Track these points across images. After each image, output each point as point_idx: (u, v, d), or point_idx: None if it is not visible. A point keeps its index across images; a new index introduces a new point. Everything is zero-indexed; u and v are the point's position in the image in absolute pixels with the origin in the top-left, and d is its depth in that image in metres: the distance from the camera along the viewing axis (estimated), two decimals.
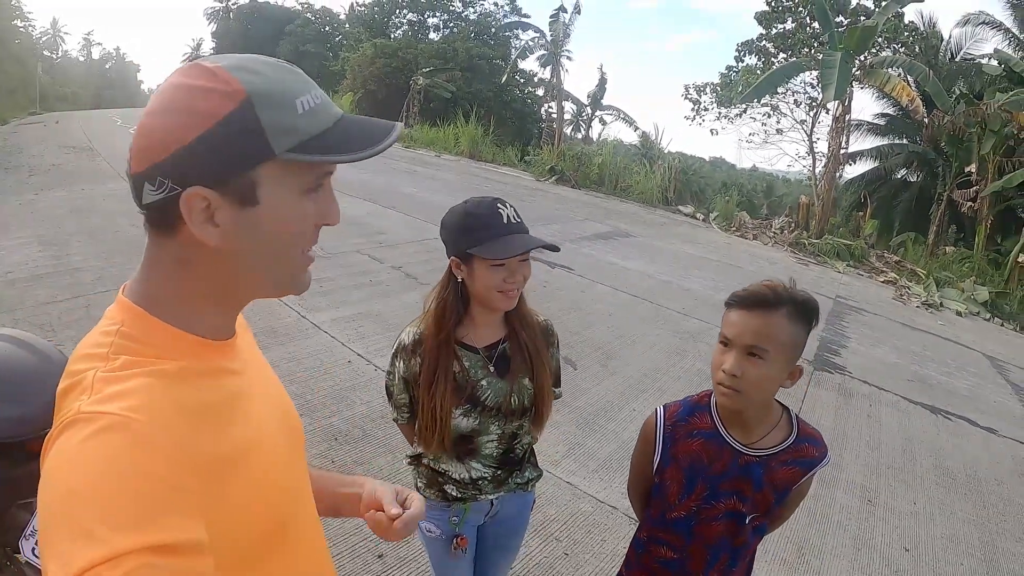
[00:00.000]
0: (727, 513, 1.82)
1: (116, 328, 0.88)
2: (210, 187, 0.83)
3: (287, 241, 0.92)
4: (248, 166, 0.84)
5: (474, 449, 2.06)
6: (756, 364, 1.66)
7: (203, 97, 0.83)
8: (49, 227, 8.47)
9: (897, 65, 18.75)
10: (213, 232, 0.85)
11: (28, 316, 5.49)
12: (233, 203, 0.85)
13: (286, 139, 0.85)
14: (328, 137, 0.89)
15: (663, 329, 7.76)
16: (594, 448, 4.76)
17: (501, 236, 1.85)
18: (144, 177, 0.84)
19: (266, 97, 0.84)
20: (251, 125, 0.83)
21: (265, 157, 0.84)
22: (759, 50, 27.36)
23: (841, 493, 4.75)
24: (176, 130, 0.82)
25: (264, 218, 0.87)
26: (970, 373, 8.53)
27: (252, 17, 57.22)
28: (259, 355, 1.16)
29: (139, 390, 0.80)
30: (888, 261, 16.77)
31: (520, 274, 1.91)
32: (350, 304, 6.76)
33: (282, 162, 0.85)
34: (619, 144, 35.07)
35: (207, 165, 0.82)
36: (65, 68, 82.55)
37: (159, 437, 0.77)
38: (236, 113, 0.82)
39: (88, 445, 0.73)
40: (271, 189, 0.86)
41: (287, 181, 0.88)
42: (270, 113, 0.84)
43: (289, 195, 0.89)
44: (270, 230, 0.89)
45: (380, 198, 13.02)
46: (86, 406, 0.77)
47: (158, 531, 0.71)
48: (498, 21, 44.19)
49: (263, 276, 0.94)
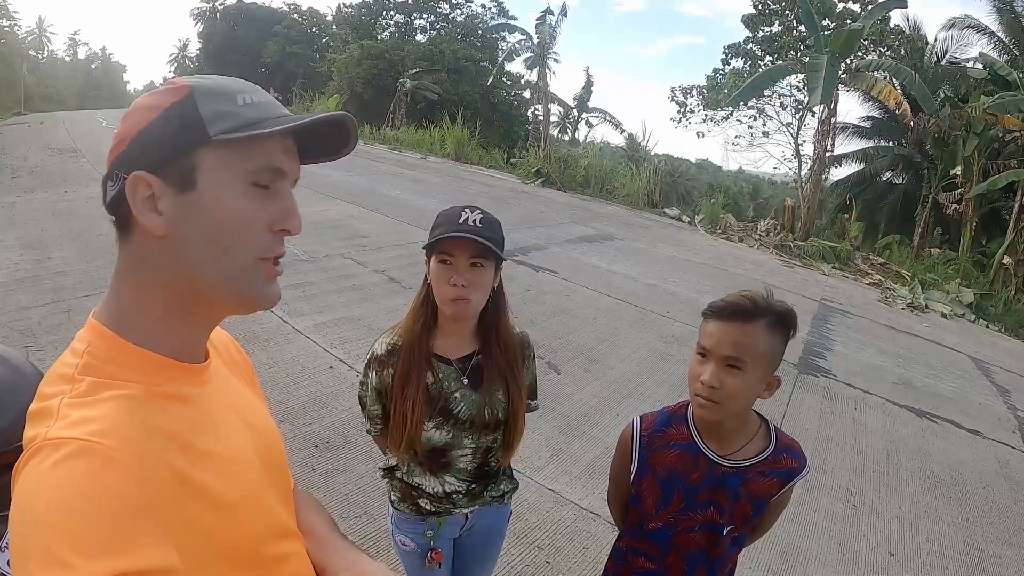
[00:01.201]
0: (704, 524, 1.80)
1: (83, 349, 0.88)
2: (151, 172, 0.86)
3: (231, 233, 0.90)
4: (185, 150, 0.87)
5: (448, 463, 2.03)
6: (734, 375, 1.64)
7: (154, 96, 0.90)
8: (31, 230, 8.38)
9: (883, 68, 18.87)
10: (156, 220, 0.87)
11: (9, 321, 5.41)
12: (173, 189, 0.87)
13: (222, 123, 0.87)
14: (264, 124, 0.90)
15: (648, 333, 7.74)
16: (577, 454, 4.72)
17: (451, 232, 1.83)
18: (107, 176, 0.90)
19: (208, 91, 0.89)
20: (190, 112, 0.87)
21: (201, 140, 0.87)
22: (746, 53, 27.58)
23: (826, 498, 4.73)
24: (130, 126, 0.89)
25: (204, 203, 0.88)
26: (955, 375, 8.54)
27: (239, 18, 57.07)
28: (236, 382, 1.14)
29: (106, 415, 0.80)
30: (873, 263, 16.80)
31: (468, 278, 1.86)
32: (332, 308, 6.70)
33: (219, 147, 0.87)
34: (605, 146, 35.22)
35: (149, 152, 0.87)
36: (51, 68, 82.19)
37: (127, 462, 0.76)
38: (177, 104, 0.88)
39: (56, 471, 0.73)
40: (210, 174, 0.88)
41: (228, 167, 0.89)
42: (209, 103, 0.88)
43: (229, 182, 0.89)
44: (210, 217, 0.89)
45: (364, 201, 12.94)
46: (53, 432, 0.77)
47: (129, 557, 0.70)
48: (485, 23, 44.17)
49: (208, 272, 0.91)
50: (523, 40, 30.44)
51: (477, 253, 1.86)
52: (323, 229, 10.04)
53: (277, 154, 0.93)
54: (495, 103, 38.90)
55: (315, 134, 0.97)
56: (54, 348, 4.87)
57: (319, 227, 10.10)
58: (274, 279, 0.97)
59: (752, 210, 25.58)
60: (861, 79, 17.66)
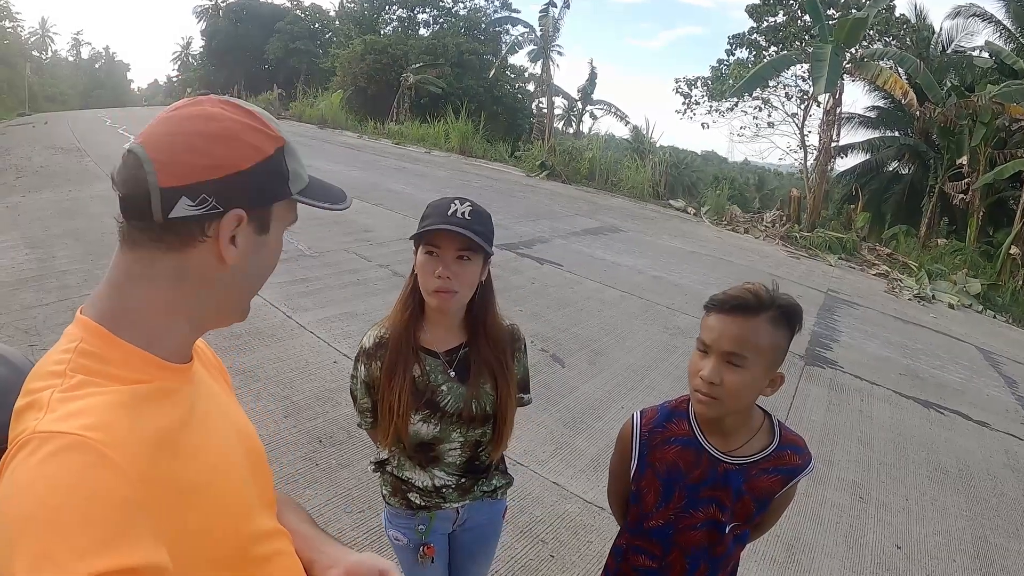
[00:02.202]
0: (706, 522, 1.77)
1: (75, 346, 0.88)
2: (246, 210, 0.93)
3: (270, 269, 1.06)
4: (273, 201, 0.99)
5: (436, 457, 2.02)
6: (735, 372, 1.60)
7: (255, 134, 0.95)
8: (35, 229, 8.37)
9: (888, 57, 18.77)
10: (233, 252, 0.94)
11: (13, 320, 5.41)
12: (253, 229, 0.96)
13: (296, 184, 1.01)
14: (313, 187, 1.06)
15: (653, 325, 7.72)
16: (582, 447, 4.71)
17: (438, 224, 1.81)
18: (183, 192, 0.88)
19: (291, 148, 1.01)
20: (282, 168, 0.99)
21: (284, 196, 1.00)
22: (750, 43, 27.37)
23: (832, 490, 4.71)
24: (233, 157, 0.91)
25: (268, 244, 1.01)
26: (962, 366, 8.51)
27: (242, 15, 56.91)
28: (216, 381, 1.16)
29: (97, 409, 0.79)
30: (880, 254, 16.75)
31: (454, 271, 1.84)
32: (336, 303, 6.70)
33: (288, 202, 1.02)
34: (610, 138, 35.13)
35: (250, 192, 0.94)
36: (54, 68, 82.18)
37: (118, 457, 0.76)
38: (276, 155, 0.97)
39: (45, 466, 0.73)
40: (276, 223, 1.01)
41: (284, 219, 1.03)
42: (292, 161, 1.01)
43: (281, 231, 1.04)
44: (267, 257, 1.03)
45: (368, 195, 12.93)
46: (43, 425, 0.76)
47: (120, 555, 0.70)
48: (488, 16, 44.06)
49: (242, 297, 1.05)
50: (526, 33, 30.48)
51: (464, 246, 1.83)
52: (327, 224, 10.02)
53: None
54: (499, 96, 38.79)
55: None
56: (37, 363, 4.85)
57: (323, 222, 10.08)
58: None
59: (758, 201, 25.50)
60: (866, 68, 17.57)
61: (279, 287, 6.82)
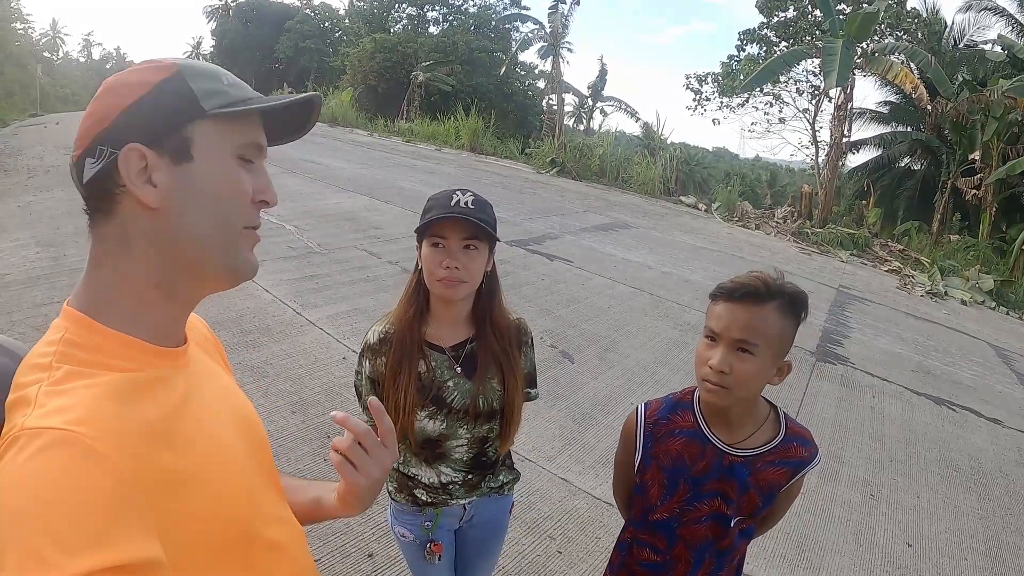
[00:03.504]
0: (711, 515, 1.75)
1: (60, 336, 0.87)
2: (146, 145, 0.88)
3: (224, 203, 0.94)
4: (181, 123, 0.90)
5: (443, 453, 2.00)
6: (745, 360, 1.58)
7: (139, 73, 0.92)
8: (47, 228, 8.40)
9: (899, 52, 18.66)
10: (151, 191, 0.88)
11: (24, 318, 5.44)
12: (169, 161, 0.89)
13: (215, 100, 0.92)
14: (253, 101, 0.96)
15: (663, 321, 7.69)
16: (591, 443, 4.70)
17: (443, 214, 1.80)
18: (86, 153, 0.89)
19: (194, 69, 0.93)
20: (183, 88, 0.90)
21: (196, 115, 0.91)
22: (761, 38, 27.28)
23: (843, 487, 4.68)
24: (115, 101, 0.89)
25: (199, 174, 0.91)
26: (975, 363, 8.46)
27: (251, 14, 57.12)
28: (212, 364, 1.15)
29: (84, 402, 0.78)
30: (892, 250, 16.68)
31: (462, 261, 1.83)
32: (346, 300, 6.70)
33: (213, 121, 0.92)
34: (620, 135, 35.05)
35: (142, 126, 0.88)
36: (65, 69, 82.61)
37: (107, 451, 0.75)
38: (169, 80, 0.90)
39: (33, 463, 0.71)
40: (204, 147, 0.92)
41: (220, 141, 0.93)
42: (199, 81, 0.92)
43: (222, 155, 0.94)
44: (205, 188, 0.92)
45: (378, 192, 12.93)
46: (30, 421, 0.75)
47: (112, 551, 0.69)
48: (497, 14, 44.07)
49: (204, 242, 0.94)
50: (536, 30, 30.39)
51: (470, 235, 1.83)
52: (337, 221, 10.04)
53: (259, 132, 1.00)
54: (509, 94, 38.84)
55: (284, 114, 1.03)
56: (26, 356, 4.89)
57: (333, 219, 10.10)
58: (252, 248, 1.02)
59: (769, 198, 25.43)
60: (877, 63, 17.48)
61: (288, 283, 6.84)
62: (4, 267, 6.67)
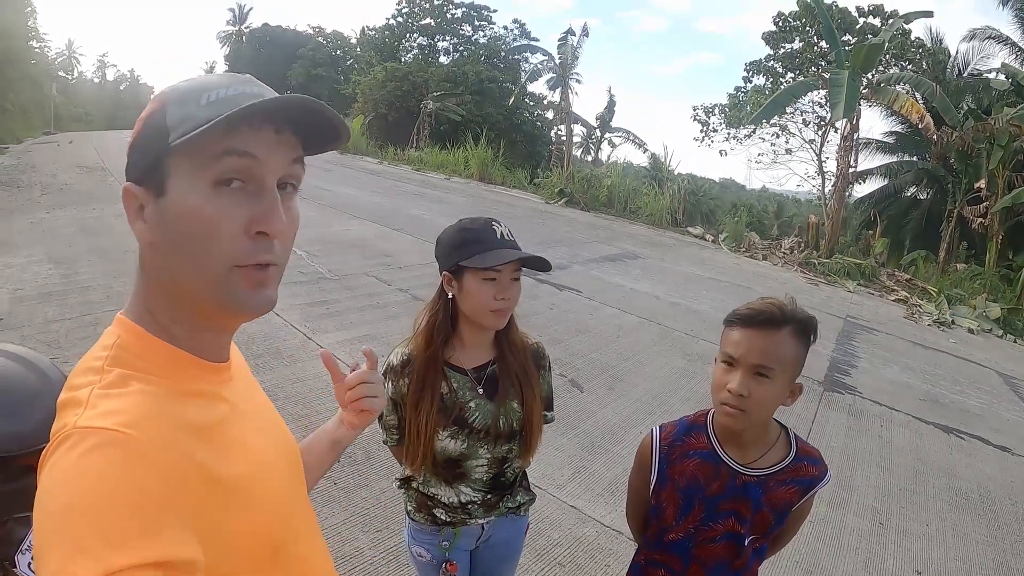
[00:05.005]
0: (726, 535, 1.78)
1: (113, 342, 0.90)
2: (136, 183, 0.91)
3: (196, 240, 0.87)
4: (155, 160, 0.88)
5: (463, 473, 2.03)
6: (762, 383, 1.64)
7: (147, 105, 0.93)
8: (59, 245, 8.52)
9: (905, 82, 18.76)
10: (142, 227, 0.90)
11: (36, 333, 5.51)
12: (152, 197, 0.89)
13: (180, 129, 0.86)
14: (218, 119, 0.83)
15: (671, 351, 7.71)
16: (599, 471, 4.71)
17: (494, 249, 1.86)
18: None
19: (178, 96, 0.90)
20: (159, 121, 0.88)
21: (164, 149, 0.87)
22: (767, 70, 27.44)
23: (852, 515, 4.68)
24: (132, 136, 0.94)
25: (170, 207, 0.87)
26: (983, 391, 8.43)
27: (264, 41, 57.67)
28: (254, 382, 1.17)
29: (135, 406, 0.80)
30: (899, 280, 16.65)
31: (511, 291, 1.90)
32: (356, 326, 6.75)
33: (178, 152, 0.86)
34: (628, 166, 35.14)
35: (134, 164, 0.91)
36: (79, 89, 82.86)
37: (154, 454, 0.77)
38: (153, 114, 0.90)
39: (84, 461, 0.73)
40: (177, 179, 0.87)
41: (191, 171, 0.86)
42: (176, 109, 0.88)
43: (193, 185, 0.86)
44: (174, 221, 0.87)
45: (388, 220, 13.04)
46: (82, 421, 0.77)
47: (155, 548, 0.70)
48: (507, 45, 44.30)
49: (185, 280, 0.90)
50: (545, 61, 30.52)
51: (518, 267, 1.91)
52: (347, 248, 10.12)
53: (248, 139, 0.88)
54: (518, 124, 39.02)
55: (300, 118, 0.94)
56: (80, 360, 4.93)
57: (343, 246, 10.18)
58: (259, 286, 0.92)
59: (776, 228, 25.37)
60: (883, 93, 17.56)
61: (299, 308, 6.90)
62: (17, 283, 6.78)
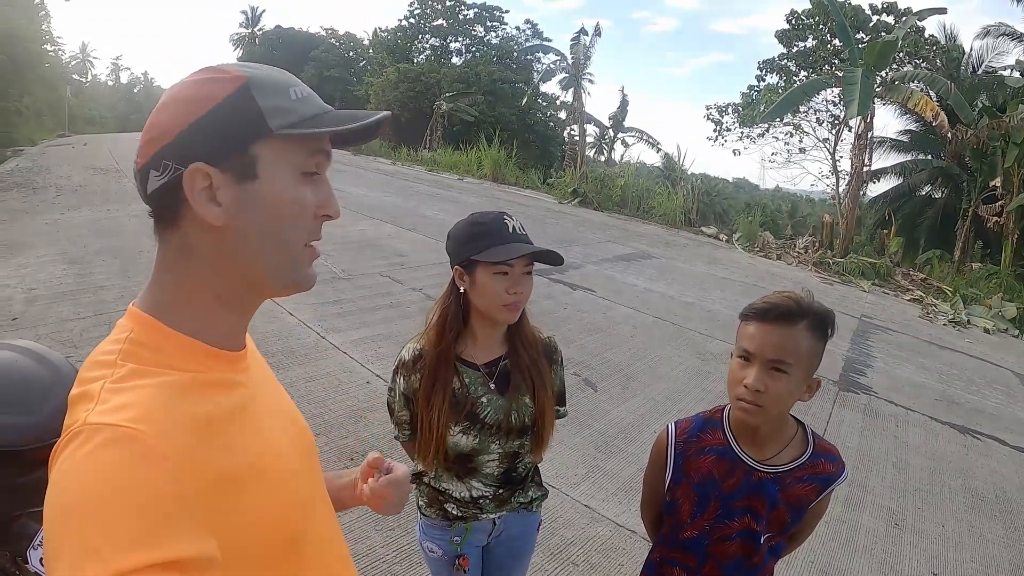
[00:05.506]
0: (741, 532, 1.77)
1: (126, 336, 0.89)
2: (211, 164, 0.87)
3: (287, 222, 0.93)
4: (246, 143, 0.88)
5: (475, 468, 2.03)
6: (779, 378, 1.61)
7: (204, 85, 0.89)
8: (74, 246, 8.61)
9: (919, 79, 18.63)
10: (215, 210, 0.88)
11: (50, 332, 5.56)
12: (233, 180, 0.88)
13: (282, 118, 0.89)
14: (320, 119, 0.93)
15: (685, 350, 7.70)
16: (613, 471, 4.71)
17: (506, 242, 1.85)
18: (150, 165, 0.89)
19: (262, 83, 0.90)
20: (249, 105, 0.88)
21: (262, 134, 0.89)
22: (780, 68, 27.32)
23: (867, 516, 4.66)
24: (180, 115, 0.88)
25: (264, 193, 0.90)
26: (999, 391, 8.36)
27: (277, 43, 57.86)
28: (268, 370, 1.18)
29: (146, 401, 0.80)
30: (914, 279, 16.54)
31: (523, 286, 1.90)
32: (369, 325, 6.77)
33: (279, 140, 0.90)
34: (641, 166, 35.07)
35: (207, 144, 0.87)
36: (93, 92, 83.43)
37: (165, 450, 0.76)
38: (234, 95, 0.88)
39: (92, 458, 0.73)
40: (269, 166, 0.90)
41: (284, 159, 0.91)
42: (266, 97, 0.89)
43: (286, 174, 0.92)
44: (270, 206, 0.91)
45: (402, 220, 13.08)
46: (92, 417, 0.76)
47: (165, 548, 0.70)
48: (520, 45, 44.33)
49: (266, 261, 0.94)
50: (558, 61, 30.56)
51: (530, 261, 1.91)
52: (361, 248, 10.15)
53: (326, 142, 0.97)
54: (531, 124, 39.04)
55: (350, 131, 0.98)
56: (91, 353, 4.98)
57: (357, 246, 10.21)
58: (312, 262, 1.01)
59: (790, 228, 25.26)
60: (897, 91, 17.44)
61: (312, 308, 6.92)
62: (32, 283, 6.85)
